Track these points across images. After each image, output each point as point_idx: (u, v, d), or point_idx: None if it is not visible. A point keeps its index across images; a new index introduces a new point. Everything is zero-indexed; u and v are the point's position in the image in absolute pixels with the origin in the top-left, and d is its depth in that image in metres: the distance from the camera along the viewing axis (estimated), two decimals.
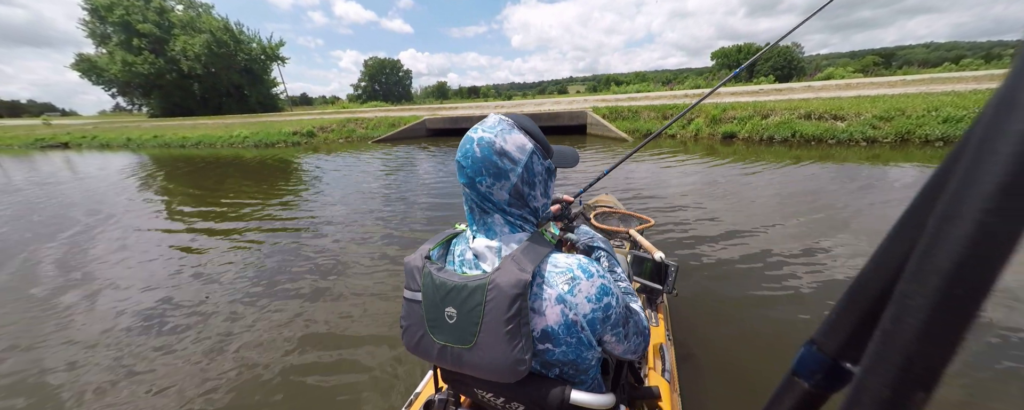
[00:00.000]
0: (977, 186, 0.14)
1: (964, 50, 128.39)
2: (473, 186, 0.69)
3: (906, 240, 0.19)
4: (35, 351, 2.38)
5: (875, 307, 0.21)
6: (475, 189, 0.69)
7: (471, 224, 0.74)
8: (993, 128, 0.15)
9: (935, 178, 0.18)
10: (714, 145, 9.37)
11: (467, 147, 0.67)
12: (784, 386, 0.25)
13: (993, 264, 0.15)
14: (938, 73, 24.01)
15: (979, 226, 0.14)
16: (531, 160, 0.69)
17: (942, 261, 0.15)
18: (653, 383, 1.19)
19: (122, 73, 36.08)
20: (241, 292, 3.00)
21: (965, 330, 0.15)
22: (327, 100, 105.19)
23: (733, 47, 57.45)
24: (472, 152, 0.67)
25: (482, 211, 0.71)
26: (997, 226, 0.14)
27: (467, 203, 0.73)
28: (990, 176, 0.14)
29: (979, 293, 0.15)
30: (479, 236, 0.72)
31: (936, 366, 0.16)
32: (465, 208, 0.75)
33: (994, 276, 0.15)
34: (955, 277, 0.15)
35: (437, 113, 17.61)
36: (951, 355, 0.16)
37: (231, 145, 15.27)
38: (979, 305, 0.15)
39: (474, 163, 0.67)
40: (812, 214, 4.11)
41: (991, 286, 0.15)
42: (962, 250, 0.15)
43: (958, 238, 0.15)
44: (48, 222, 5.29)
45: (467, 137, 0.69)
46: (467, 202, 0.73)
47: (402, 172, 8.11)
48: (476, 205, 0.71)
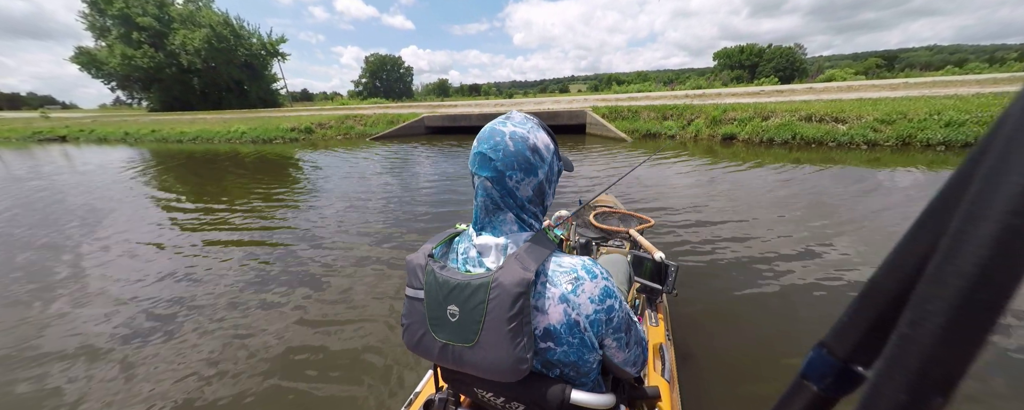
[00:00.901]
0: (1003, 187, 0.14)
1: (967, 53, 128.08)
2: (500, 180, 0.67)
3: (923, 243, 0.19)
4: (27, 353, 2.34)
5: (889, 311, 0.20)
6: (502, 184, 0.68)
7: (477, 220, 0.73)
8: (1021, 130, 0.14)
9: (955, 180, 0.18)
10: (714, 146, 9.30)
11: (497, 141, 0.67)
12: (793, 389, 0.25)
13: (1018, 268, 0.14)
14: (941, 76, 23.92)
15: (1005, 228, 0.14)
16: (553, 159, 0.72)
17: (965, 264, 0.15)
18: (653, 383, 1.19)
19: (121, 67, 35.93)
20: (239, 290, 2.96)
21: (987, 334, 0.15)
22: (328, 96, 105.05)
23: (735, 47, 57.30)
24: (504, 145, 0.67)
25: (496, 207, 0.70)
26: (1023, 229, 0.14)
27: (481, 197, 0.71)
28: (1017, 177, 0.14)
29: (1003, 297, 0.15)
30: (485, 233, 0.72)
31: (956, 371, 0.16)
32: (476, 202, 0.72)
33: (1019, 280, 0.14)
34: (979, 280, 0.15)
35: (436, 111, 17.52)
36: (972, 360, 0.16)
37: (228, 140, 15.19)
38: (1003, 309, 0.15)
39: (506, 157, 0.66)
40: (812, 216, 4.10)
41: (1016, 290, 0.14)
42: (987, 252, 0.14)
43: (982, 240, 0.14)
44: (38, 222, 5.22)
45: (495, 130, 0.68)
46: (482, 196, 0.71)
47: (401, 169, 8.05)
48: (492, 201, 0.70)
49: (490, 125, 0.70)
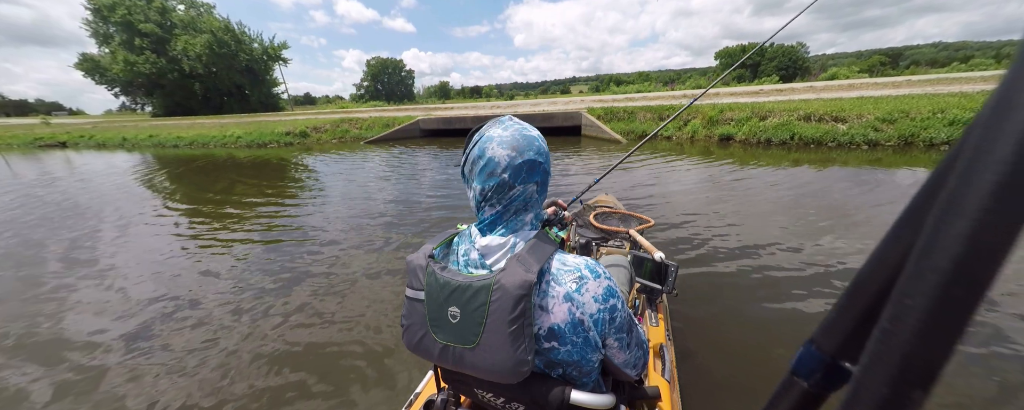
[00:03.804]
0: (975, 186, 0.14)
1: (974, 50, 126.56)
2: (511, 183, 0.68)
3: (904, 239, 0.19)
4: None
5: (874, 306, 0.21)
6: (512, 186, 0.68)
7: (480, 221, 0.73)
8: (991, 128, 0.15)
9: (933, 178, 0.18)
10: (710, 147, 9.10)
11: (538, 145, 0.69)
12: (783, 386, 0.25)
13: (991, 263, 0.15)
14: (946, 73, 23.54)
15: (977, 225, 0.14)
16: (547, 158, 0.73)
17: (940, 260, 0.15)
18: (653, 383, 1.18)
19: (124, 72, 36.25)
20: (238, 293, 2.95)
21: (963, 329, 0.15)
22: (330, 100, 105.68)
23: (737, 47, 56.97)
24: (544, 149, 0.70)
25: (503, 210, 0.70)
26: (995, 226, 0.14)
27: (487, 199, 0.70)
28: (988, 175, 0.14)
29: (977, 292, 0.15)
30: (489, 234, 0.72)
31: (934, 365, 0.16)
32: (481, 203, 0.72)
33: (992, 275, 0.15)
34: (953, 276, 0.15)
35: (432, 113, 17.43)
36: (949, 353, 0.16)
37: (224, 145, 15.17)
38: (977, 304, 0.15)
39: (515, 159, 0.67)
40: (810, 216, 4.08)
41: (989, 285, 0.15)
42: (960, 249, 0.15)
43: (956, 237, 0.15)
44: (33, 224, 5.13)
45: (530, 137, 0.69)
46: (490, 201, 0.70)
47: (397, 172, 7.94)
48: (499, 202, 0.70)
49: (514, 134, 0.69)
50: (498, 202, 0.70)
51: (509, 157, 0.67)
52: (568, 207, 1.37)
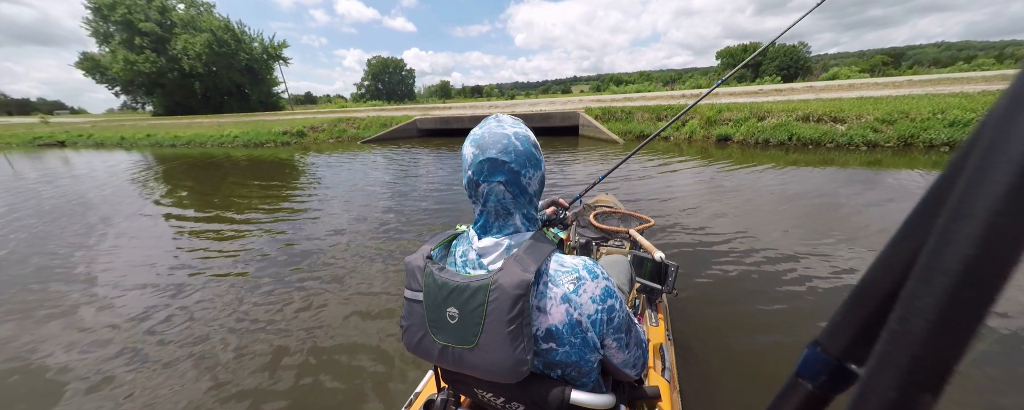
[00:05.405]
0: (987, 187, 0.14)
1: (977, 49, 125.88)
2: (515, 181, 0.68)
3: (913, 241, 0.19)
4: None
5: (880, 308, 0.20)
6: (516, 184, 0.68)
7: (480, 222, 0.73)
8: (1004, 129, 0.14)
9: (942, 179, 0.18)
10: (708, 148, 9.01)
11: (505, 143, 0.67)
12: (787, 388, 0.25)
13: (1003, 265, 0.14)
14: (947, 73, 23.37)
15: (989, 227, 0.14)
16: (519, 157, 0.70)
17: (951, 262, 0.15)
18: (653, 383, 1.18)
19: (124, 71, 36.27)
20: (238, 294, 2.93)
21: (973, 332, 0.15)
22: (330, 99, 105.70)
23: (739, 46, 56.77)
24: (513, 146, 0.67)
25: (507, 211, 0.70)
26: (1007, 227, 0.14)
27: (492, 202, 0.69)
28: (1001, 176, 0.14)
29: (988, 295, 0.15)
30: (488, 235, 0.72)
31: (944, 367, 0.16)
32: (481, 205, 0.71)
33: (1004, 278, 0.14)
34: (964, 278, 0.15)
35: (429, 113, 17.35)
36: (959, 356, 0.16)
37: (221, 144, 15.11)
38: (988, 307, 0.15)
39: (519, 157, 0.67)
40: (810, 217, 4.06)
41: (1001, 288, 0.14)
42: (972, 251, 0.15)
43: (967, 239, 0.15)
44: (23, 226, 5.08)
45: (497, 133, 0.67)
46: (493, 201, 0.69)
47: (393, 172, 7.89)
48: (502, 204, 0.69)
49: (487, 131, 0.68)
50: (475, 200, 0.71)
51: (473, 154, 0.67)
52: (570, 206, 1.37)
